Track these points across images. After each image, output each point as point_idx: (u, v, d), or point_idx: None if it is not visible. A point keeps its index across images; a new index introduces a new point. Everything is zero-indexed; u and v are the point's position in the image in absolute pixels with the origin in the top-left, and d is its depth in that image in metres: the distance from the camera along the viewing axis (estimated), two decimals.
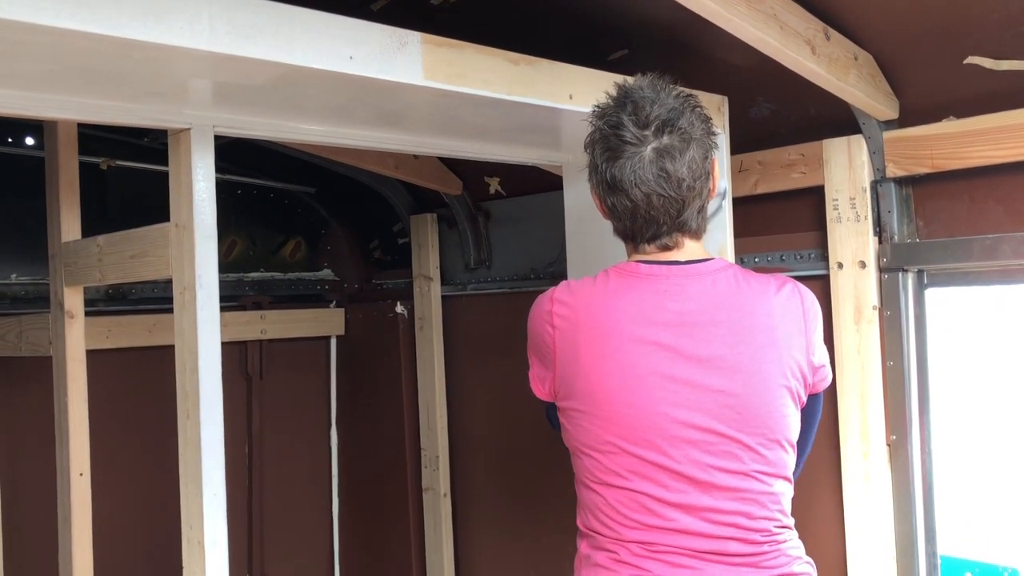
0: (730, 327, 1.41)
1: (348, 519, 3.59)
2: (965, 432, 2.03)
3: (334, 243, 3.60)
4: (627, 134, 1.39)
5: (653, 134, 1.39)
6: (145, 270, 1.79)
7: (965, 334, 2.02)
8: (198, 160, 1.59)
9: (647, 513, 1.39)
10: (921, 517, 2.05)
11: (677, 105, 1.42)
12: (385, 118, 1.80)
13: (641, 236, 1.46)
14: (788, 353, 1.43)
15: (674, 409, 1.38)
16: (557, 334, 1.45)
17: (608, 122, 1.43)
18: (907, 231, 2.05)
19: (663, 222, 1.42)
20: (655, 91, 1.43)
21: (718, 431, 1.39)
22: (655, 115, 1.39)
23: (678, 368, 1.39)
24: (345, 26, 1.35)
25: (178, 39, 1.17)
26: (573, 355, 1.43)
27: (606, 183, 1.43)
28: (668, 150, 1.39)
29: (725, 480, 1.39)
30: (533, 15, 2.13)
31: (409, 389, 3.33)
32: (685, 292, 1.42)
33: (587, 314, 1.43)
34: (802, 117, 2.16)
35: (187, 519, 1.63)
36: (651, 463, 1.39)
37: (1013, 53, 1.77)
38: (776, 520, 1.43)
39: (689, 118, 1.42)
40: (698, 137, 1.42)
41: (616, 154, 1.40)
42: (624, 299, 1.42)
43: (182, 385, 1.63)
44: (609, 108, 1.45)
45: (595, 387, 1.41)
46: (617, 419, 1.39)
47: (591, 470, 1.44)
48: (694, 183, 1.41)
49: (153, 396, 2.50)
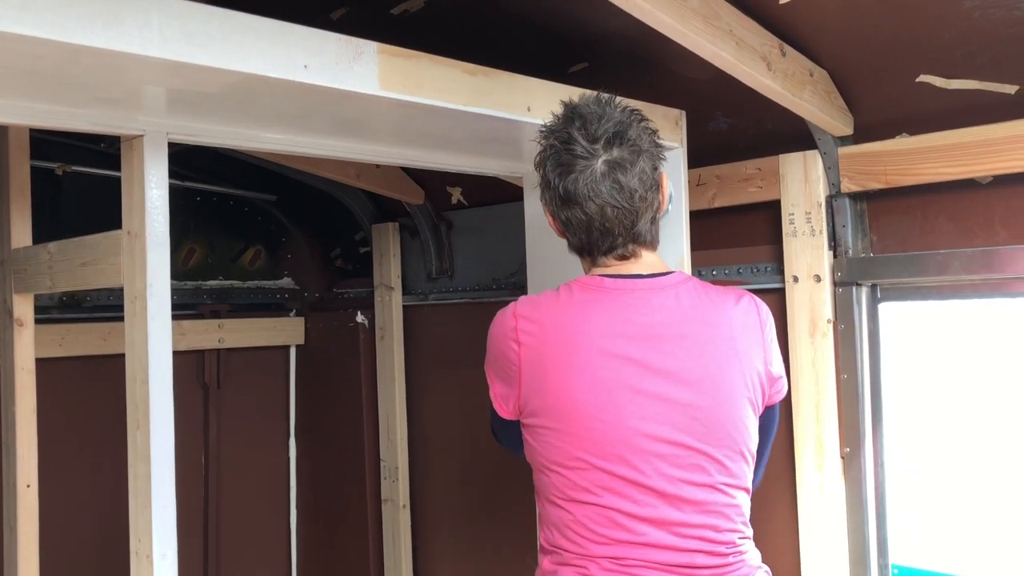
0: (695, 339, 1.42)
1: (306, 531, 3.55)
2: (919, 444, 2.05)
3: (295, 251, 3.57)
4: (578, 148, 1.41)
5: (603, 147, 1.41)
6: (96, 278, 1.76)
7: (918, 348, 2.05)
8: (151, 167, 1.57)
9: (617, 528, 1.39)
10: (874, 528, 2.07)
11: (624, 119, 1.44)
12: (344, 127, 1.79)
13: (597, 249, 1.47)
14: (749, 364, 1.45)
15: (643, 423, 1.38)
16: (523, 350, 1.43)
17: (558, 138, 1.44)
18: (861, 246, 2.08)
19: (618, 233, 1.44)
20: (601, 106, 1.45)
21: (686, 444, 1.39)
22: (604, 129, 1.41)
23: (647, 381, 1.39)
24: (300, 35, 1.33)
25: (127, 46, 1.15)
26: (540, 371, 1.42)
27: (560, 198, 1.44)
28: (619, 162, 1.41)
29: (693, 493, 1.40)
30: (495, 27, 2.14)
31: (369, 399, 3.31)
32: (651, 305, 1.43)
33: (554, 329, 1.42)
34: (759, 132, 2.18)
35: (135, 532, 1.60)
36: (621, 478, 1.38)
37: (963, 72, 1.80)
38: (740, 532, 1.45)
39: (637, 130, 1.44)
40: (646, 149, 1.44)
41: (568, 168, 1.42)
42: (591, 313, 1.42)
43: (132, 396, 1.61)
44: (558, 125, 1.47)
45: (564, 403, 1.40)
46: (586, 434, 1.39)
47: (559, 487, 1.43)
48: (645, 194, 1.43)
49: (107, 405, 2.45)
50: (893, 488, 2.08)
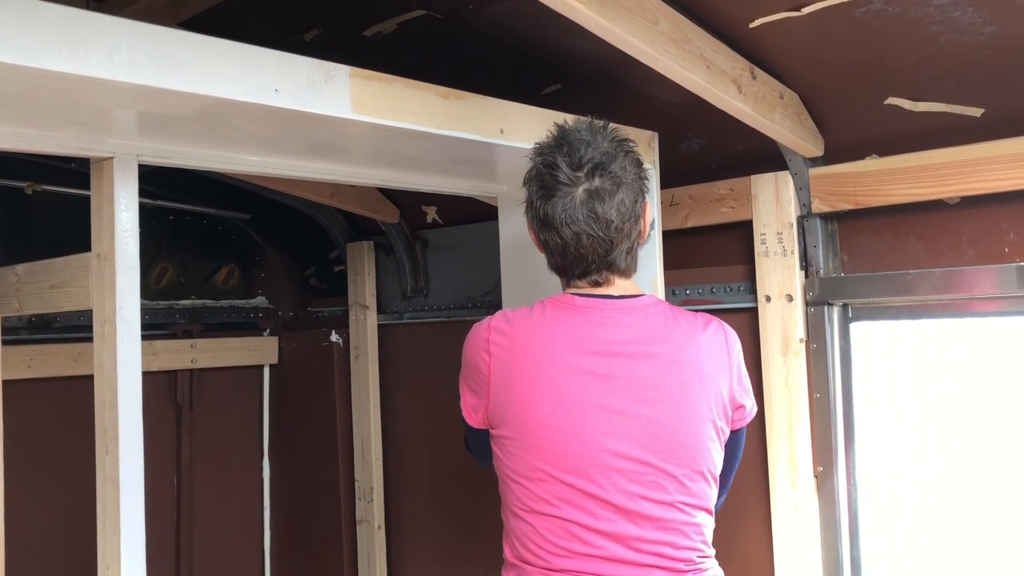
0: (660, 360, 1.44)
1: (280, 552, 3.51)
2: (890, 462, 2.07)
3: (269, 270, 3.55)
4: (561, 175, 1.44)
5: (585, 176, 1.44)
6: (65, 301, 1.74)
7: (889, 367, 2.07)
8: (121, 190, 1.56)
9: (576, 541, 1.41)
10: (847, 545, 2.08)
11: (611, 149, 1.46)
12: (317, 149, 1.78)
13: (572, 272, 1.51)
14: (714, 388, 1.47)
15: (605, 438, 1.40)
16: (493, 361, 1.46)
17: (544, 161, 1.48)
18: (832, 265, 2.10)
19: (592, 260, 1.47)
20: (592, 134, 1.48)
21: (646, 461, 1.41)
22: (588, 158, 1.44)
23: (610, 398, 1.41)
24: (270, 59, 1.33)
25: (95, 70, 1.14)
26: (507, 382, 1.45)
27: (540, 219, 1.48)
28: (599, 192, 1.43)
29: (651, 510, 1.41)
30: (468, 48, 2.15)
31: (344, 419, 3.28)
32: (619, 324, 1.46)
33: (523, 342, 1.45)
34: (731, 153, 2.20)
35: (103, 559, 1.57)
36: (580, 491, 1.40)
37: (930, 95, 1.83)
38: (699, 551, 1.46)
39: (622, 163, 1.46)
40: (629, 181, 1.46)
41: (550, 192, 1.45)
42: (559, 328, 1.45)
43: (101, 420, 1.58)
44: (547, 148, 1.50)
45: (527, 414, 1.42)
46: (548, 446, 1.41)
47: (520, 498, 1.45)
48: (622, 225, 1.45)
49: (77, 427, 2.42)
50: (866, 506, 2.09)
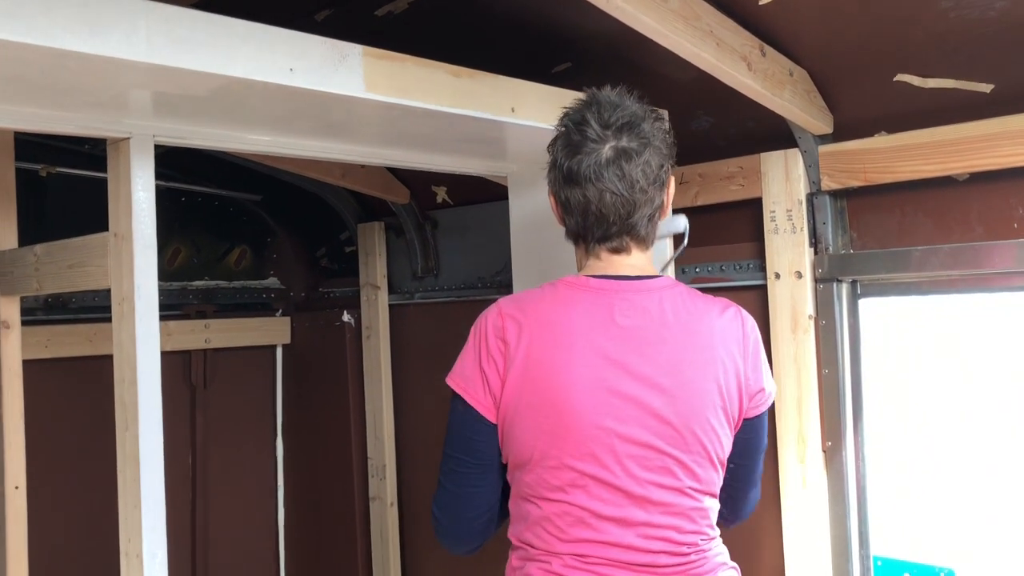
0: (674, 345, 1.43)
1: (294, 529, 3.56)
2: (899, 437, 2.08)
3: (280, 251, 3.58)
4: (590, 131, 1.43)
5: (614, 134, 1.43)
6: (83, 280, 1.77)
7: (898, 343, 2.08)
8: (137, 170, 1.58)
9: (583, 526, 1.40)
10: (855, 520, 2.10)
11: (640, 112, 1.46)
12: (330, 129, 1.80)
13: (592, 235, 1.48)
14: (726, 375, 1.46)
15: (617, 424, 1.39)
16: (508, 348, 1.42)
17: (572, 119, 1.47)
18: (842, 242, 2.11)
19: (613, 221, 1.45)
20: (620, 97, 1.48)
21: (657, 447, 1.40)
22: (617, 117, 1.44)
23: (623, 383, 1.40)
24: (286, 39, 1.35)
25: (115, 51, 1.16)
26: (522, 368, 1.41)
27: (563, 176, 1.46)
28: (626, 151, 1.42)
29: (660, 495, 1.41)
30: (479, 27, 2.15)
31: (356, 398, 3.32)
32: (633, 308, 1.44)
33: (537, 326, 1.42)
34: (741, 130, 2.21)
35: (125, 532, 1.61)
36: (591, 477, 1.39)
37: (939, 72, 1.83)
38: (704, 534, 1.47)
39: (651, 125, 1.46)
40: (656, 144, 1.46)
41: (576, 149, 1.44)
42: (574, 312, 1.43)
43: (120, 397, 1.62)
44: (575, 108, 1.49)
45: (541, 400, 1.40)
46: (562, 432, 1.39)
47: (530, 483, 1.43)
48: (647, 187, 1.44)
49: (94, 406, 2.46)
50: (874, 480, 2.11)
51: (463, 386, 1.46)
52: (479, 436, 1.46)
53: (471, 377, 1.45)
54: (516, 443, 1.43)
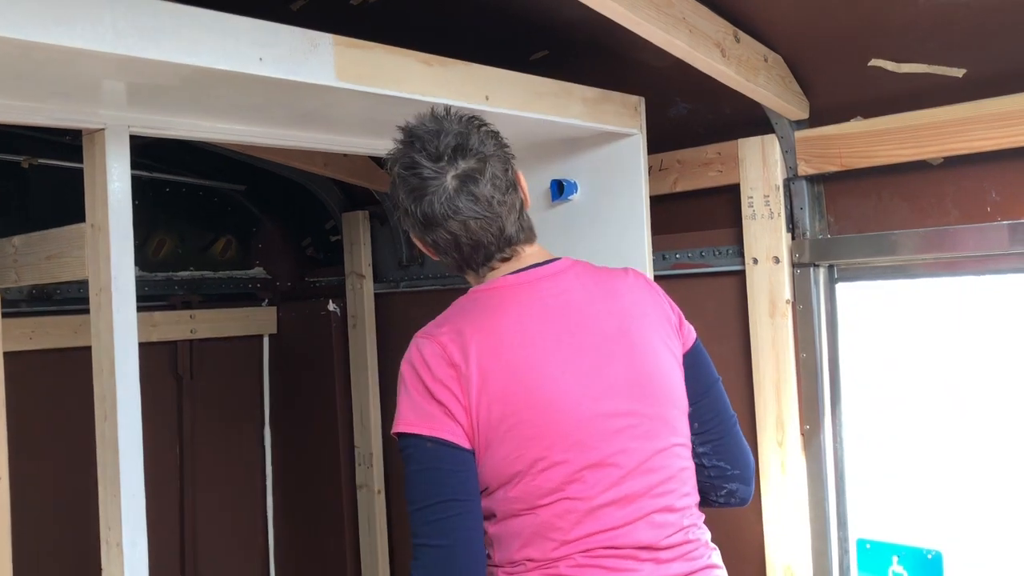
0: (608, 310, 1.44)
1: (282, 518, 3.58)
2: (876, 420, 2.10)
3: (265, 241, 3.58)
4: (424, 171, 1.40)
5: (448, 163, 1.40)
6: (61, 271, 1.78)
7: (875, 327, 2.10)
8: (113, 161, 1.58)
9: (587, 519, 1.35)
10: (833, 503, 2.12)
11: (462, 129, 1.42)
12: (305, 118, 1.80)
13: (475, 261, 1.46)
14: (659, 321, 1.49)
15: (594, 402, 1.36)
16: (459, 371, 1.34)
17: (403, 164, 1.43)
18: (819, 227, 2.12)
19: (488, 243, 1.43)
20: (437, 122, 1.44)
21: (636, 411, 1.39)
22: (444, 144, 1.40)
23: (585, 360, 1.38)
24: (253, 28, 1.35)
25: (80, 41, 1.16)
26: (482, 384, 1.33)
27: (420, 223, 1.43)
28: (468, 174, 1.40)
29: (653, 462, 1.39)
30: (456, 14, 2.15)
31: (342, 387, 3.33)
32: (559, 288, 1.44)
33: (480, 338, 1.36)
34: (718, 117, 2.22)
35: (105, 521, 1.62)
36: (585, 466, 1.35)
37: (913, 56, 1.84)
38: (693, 497, 1.47)
39: (477, 137, 1.42)
40: (492, 153, 1.43)
41: (421, 192, 1.40)
42: (509, 311, 1.40)
43: (99, 387, 1.62)
44: (400, 152, 1.45)
45: (516, 407, 1.33)
46: (546, 432, 1.34)
47: (518, 497, 1.35)
48: (504, 198, 1.43)
49: (79, 398, 2.47)
50: (857, 464, 2.13)
51: (425, 425, 1.34)
52: (462, 468, 1.35)
53: (429, 413, 1.34)
54: (497, 461, 1.35)
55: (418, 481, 1.35)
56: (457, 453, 1.34)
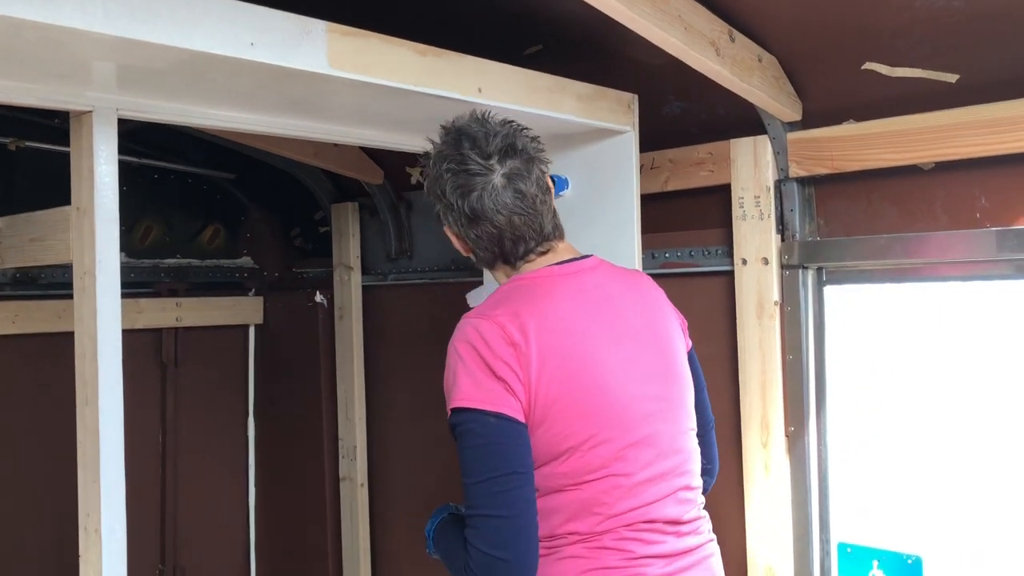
0: (636, 304, 1.57)
1: (264, 509, 3.56)
2: (861, 423, 2.10)
3: (254, 230, 3.56)
4: (474, 167, 1.47)
5: (498, 161, 1.48)
6: (45, 254, 1.76)
7: (861, 330, 2.10)
8: (100, 143, 1.56)
9: (630, 496, 1.44)
10: (816, 505, 2.13)
11: (508, 132, 1.52)
12: (296, 105, 1.79)
13: (515, 255, 1.54)
14: (670, 318, 1.63)
15: (633, 385, 1.47)
16: (518, 350, 1.39)
17: (453, 160, 1.50)
18: (808, 229, 2.12)
19: (529, 238, 1.52)
20: (482, 124, 1.52)
21: (665, 396, 1.52)
22: (494, 144, 1.48)
23: (624, 346, 1.49)
24: (247, 12, 1.34)
25: (70, 20, 1.14)
26: (542, 363, 1.39)
27: (466, 217, 1.50)
28: (516, 173, 1.49)
29: (676, 443, 1.52)
30: (452, 8, 2.14)
31: (328, 379, 3.31)
32: (596, 281, 1.55)
33: (538, 320, 1.42)
34: (711, 116, 2.21)
35: (84, 507, 1.60)
36: (629, 444, 1.44)
37: (907, 61, 1.84)
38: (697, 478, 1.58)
39: (523, 140, 1.53)
40: (535, 155, 1.54)
41: (469, 188, 1.48)
42: (561, 298, 1.48)
43: (81, 372, 1.61)
44: (447, 149, 1.52)
45: (574, 386, 1.41)
46: (600, 411, 1.43)
47: (567, 472, 1.42)
48: (545, 196, 1.54)
49: (62, 383, 2.45)
50: (839, 468, 2.13)
51: (488, 400, 1.37)
52: (522, 442, 1.39)
53: (491, 389, 1.38)
54: (550, 437, 1.40)
55: (480, 455, 1.37)
56: (517, 428, 1.38)
